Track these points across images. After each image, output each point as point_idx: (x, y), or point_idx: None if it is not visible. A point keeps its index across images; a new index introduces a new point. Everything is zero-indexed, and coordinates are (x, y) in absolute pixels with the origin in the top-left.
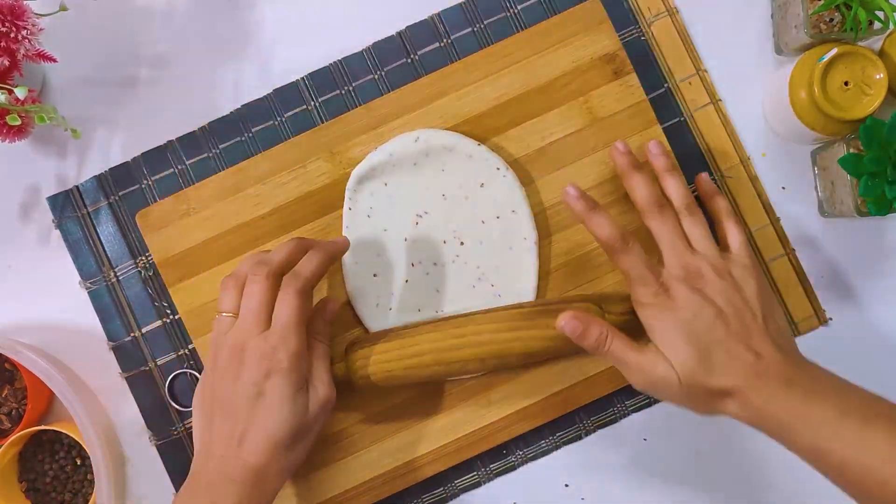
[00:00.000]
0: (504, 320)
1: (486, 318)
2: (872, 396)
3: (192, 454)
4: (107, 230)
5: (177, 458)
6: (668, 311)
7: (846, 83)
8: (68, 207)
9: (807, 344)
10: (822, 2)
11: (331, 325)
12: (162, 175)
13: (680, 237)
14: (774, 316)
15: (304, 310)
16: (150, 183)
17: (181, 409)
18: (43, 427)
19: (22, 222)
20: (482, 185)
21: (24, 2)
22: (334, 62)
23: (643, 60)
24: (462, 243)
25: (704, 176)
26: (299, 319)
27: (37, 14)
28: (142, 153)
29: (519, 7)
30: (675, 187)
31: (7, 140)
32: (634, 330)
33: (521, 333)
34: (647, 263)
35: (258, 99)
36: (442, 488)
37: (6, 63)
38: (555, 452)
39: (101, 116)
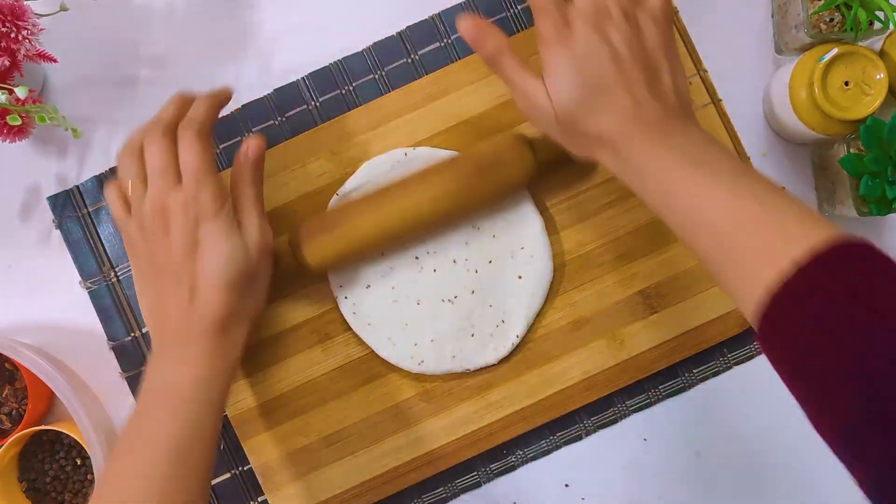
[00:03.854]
0: (441, 186)
1: (423, 187)
2: (732, 156)
3: None
4: (107, 230)
5: None
6: (564, 46)
7: (846, 83)
8: (68, 207)
9: None
10: (822, 2)
11: (258, 166)
12: None
13: None
14: (673, 71)
15: (208, 152)
16: None
17: None
18: (43, 427)
19: (22, 222)
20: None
21: (25, 2)
22: (334, 62)
23: None
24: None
25: None
26: (207, 160)
27: (37, 14)
28: None
29: (519, 7)
30: None
31: (8, 140)
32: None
33: (461, 199)
34: None
35: (258, 99)
36: (442, 488)
37: (7, 63)
38: (555, 452)
39: (101, 116)
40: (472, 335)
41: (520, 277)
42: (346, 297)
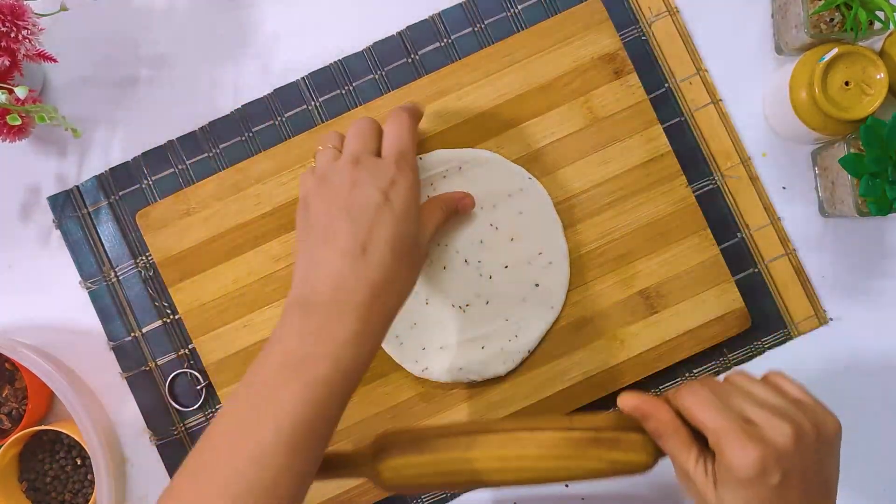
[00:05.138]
0: (550, 446)
1: (532, 440)
2: None
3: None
4: (107, 230)
5: (177, 458)
6: (761, 483)
7: (847, 83)
8: (68, 207)
9: (807, 344)
10: (822, 2)
11: (449, 216)
12: (162, 175)
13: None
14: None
15: (414, 133)
16: (150, 183)
17: (181, 408)
18: (43, 427)
19: (22, 222)
20: (509, 195)
21: (25, 2)
22: (334, 62)
23: (644, 60)
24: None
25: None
26: (413, 140)
27: (37, 14)
28: (142, 153)
29: (519, 7)
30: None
31: (7, 140)
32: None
33: (568, 463)
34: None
35: (258, 99)
36: None
37: (7, 63)
38: None
39: (101, 116)
40: (483, 347)
41: (536, 286)
42: None
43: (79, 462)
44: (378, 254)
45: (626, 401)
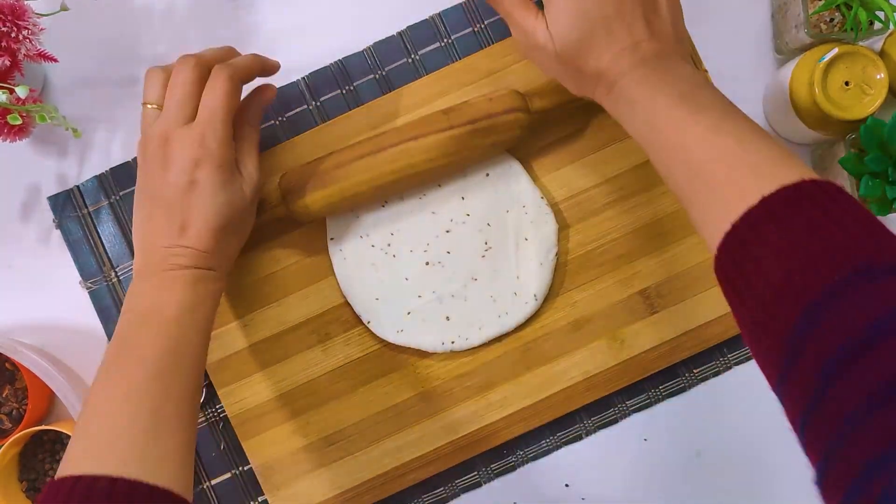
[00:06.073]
0: (437, 148)
1: (419, 148)
2: (721, 97)
3: None
4: (107, 230)
5: None
6: None
7: (847, 83)
8: (69, 207)
9: None
10: (822, 2)
11: (262, 111)
12: None
13: None
14: (671, 6)
15: (233, 98)
16: None
17: None
18: (43, 427)
19: (22, 222)
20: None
21: (25, 2)
22: (334, 62)
23: None
24: (488, 245)
25: None
26: (228, 108)
27: (38, 14)
28: None
29: None
30: None
31: (8, 139)
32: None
33: (456, 158)
34: None
35: None
36: (442, 488)
37: (7, 63)
38: (555, 452)
39: (102, 116)
40: (466, 299)
41: (526, 239)
42: (340, 250)
43: None
44: (197, 232)
45: None
